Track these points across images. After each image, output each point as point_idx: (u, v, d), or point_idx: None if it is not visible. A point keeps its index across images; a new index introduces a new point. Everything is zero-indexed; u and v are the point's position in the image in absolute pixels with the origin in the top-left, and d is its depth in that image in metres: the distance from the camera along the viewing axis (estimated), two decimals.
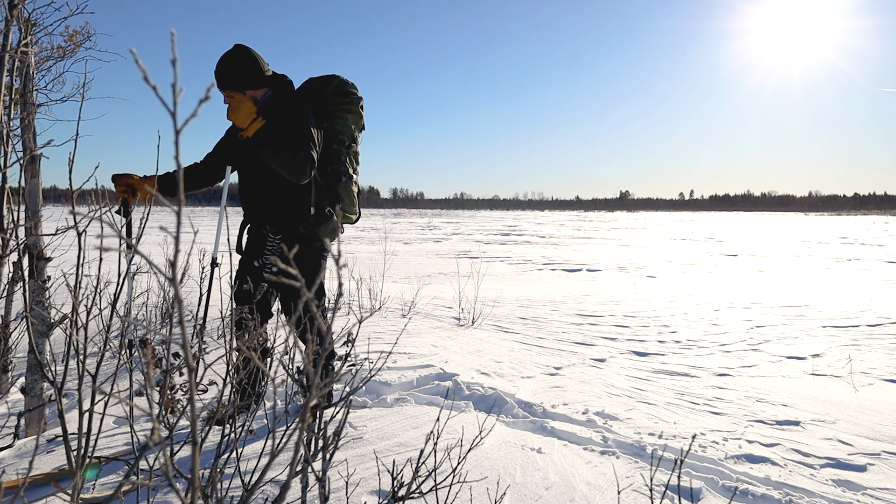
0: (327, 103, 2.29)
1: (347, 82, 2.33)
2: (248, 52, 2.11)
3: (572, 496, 1.71)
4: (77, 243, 1.20)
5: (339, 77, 2.33)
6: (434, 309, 4.84)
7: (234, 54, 2.10)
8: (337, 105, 2.31)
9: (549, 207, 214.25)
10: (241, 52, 2.11)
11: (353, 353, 3.04)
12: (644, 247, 14.28)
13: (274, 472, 1.73)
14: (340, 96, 2.31)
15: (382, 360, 2.71)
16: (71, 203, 1.07)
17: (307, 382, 0.48)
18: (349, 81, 2.34)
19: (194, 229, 1.49)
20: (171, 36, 0.33)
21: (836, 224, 34.10)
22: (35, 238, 2.00)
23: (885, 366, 3.40)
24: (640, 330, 4.28)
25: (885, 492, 1.87)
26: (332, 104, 2.30)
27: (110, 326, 1.24)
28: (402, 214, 54.81)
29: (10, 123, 1.88)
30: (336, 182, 2.28)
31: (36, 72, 2.11)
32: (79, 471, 0.98)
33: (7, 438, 1.94)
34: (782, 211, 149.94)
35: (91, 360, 2.80)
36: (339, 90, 2.31)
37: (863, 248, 13.73)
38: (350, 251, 11.40)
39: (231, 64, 2.07)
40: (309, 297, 0.38)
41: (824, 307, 5.35)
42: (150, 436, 0.36)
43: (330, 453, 1.11)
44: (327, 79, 2.33)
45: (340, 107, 2.31)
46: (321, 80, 2.33)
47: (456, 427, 2.14)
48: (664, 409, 2.59)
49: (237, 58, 2.09)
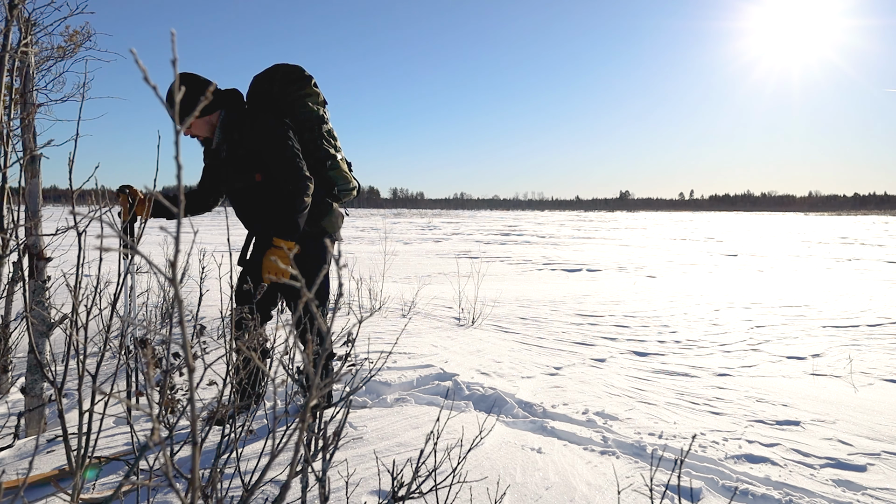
0: (280, 98, 2.25)
1: (291, 68, 2.27)
2: (187, 78, 2.07)
3: (572, 496, 1.71)
4: (77, 243, 1.20)
5: (280, 66, 2.26)
6: (434, 309, 4.84)
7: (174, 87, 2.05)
8: (291, 94, 2.25)
9: (549, 207, 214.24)
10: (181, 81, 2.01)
11: (353, 353, 3.04)
12: (644, 247, 14.28)
13: (274, 472, 1.73)
14: (289, 84, 2.25)
15: (382, 360, 2.71)
16: (71, 203, 1.07)
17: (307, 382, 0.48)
18: (292, 66, 2.27)
19: (194, 229, 1.49)
20: (171, 36, 0.33)
21: (836, 224, 34.10)
22: (35, 238, 2.00)
23: (885, 366, 3.40)
24: (640, 330, 4.28)
25: (885, 492, 1.87)
26: (286, 96, 2.25)
27: (110, 326, 1.24)
28: (402, 214, 54.82)
29: (10, 123, 1.88)
30: (323, 168, 2.26)
31: (36, 72, 2.11)
32: (79, 471, 0.98)
33: (7, 438, 1.94)
34: (782, 211, 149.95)
35: (91, 360, 2.80)
36: (286, 79, 2.25)
37: (863, 248, 13.73)
38: (350, 251, 11.40)
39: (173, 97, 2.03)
40: (309, 297, 0.38)
41: (824, 307, 5.35)
42: (150, 436, 0.36)
43: (330, 453, 1.11)
44: (270, 72, 2.26)
45: (295, 95, 2.26)
46: (264, 75, 2.26)
47: (456, 427, 2.14)
48: (664, 409, 2.59)
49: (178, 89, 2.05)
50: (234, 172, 2.14)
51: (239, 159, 2.12)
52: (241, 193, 2.19)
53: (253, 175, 2.12)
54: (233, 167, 2.14)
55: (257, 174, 2.12)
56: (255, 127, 2.09)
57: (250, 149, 2.09)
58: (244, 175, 2.13)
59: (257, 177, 2.12)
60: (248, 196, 2.18)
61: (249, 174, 2.12)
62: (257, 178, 2.12)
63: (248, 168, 2.12)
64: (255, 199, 2.16)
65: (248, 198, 2.18)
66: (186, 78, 2.07)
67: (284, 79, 2.24)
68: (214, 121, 2.16)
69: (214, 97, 2.13)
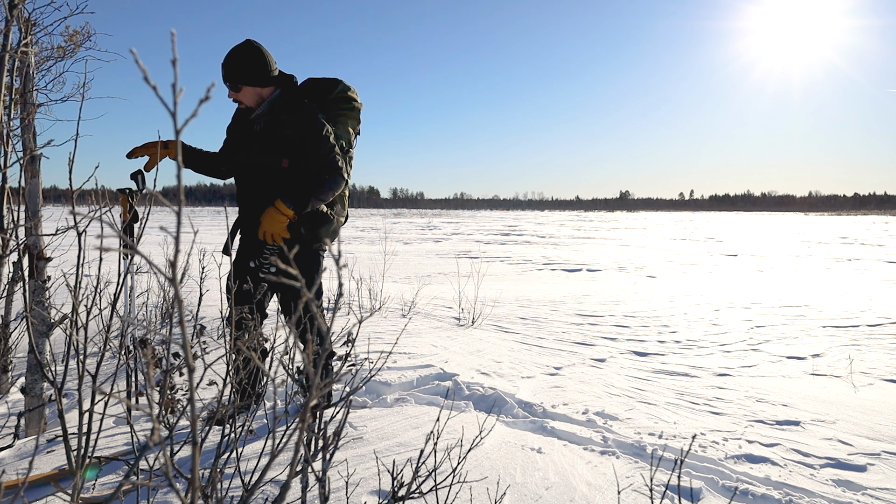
0: (331, 107, 2.33)
1: (350, 88, 2.37)
2: (257, 48, 2.13)
3: (572, 496, 1.71)
4: (77, 243, 1.20)
5: (342, 82, 2.36)
6: (434, 309, 4.84)
7: (243, 49, 2.11)
8: (340, 112, 2.34)
9: (549, 207, 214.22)
10: (250, 48, 2.12)
11: (353, 353, 3.04)
12: (644, 247, 14.28)
13: (274, 472, 1.73)
14: (343, 101, 2.35)
15: (382, 360, 2.71)
16: (71, 203, 1.07)
17: (307, 382, 0.48)
18: (351, 87, 2.38)
19: (194, 229, 1.49)
20: (171, 36, 0.33)
21: (836, 224, 34.10)
22: (35, 238, 2.00)
23: (885, 366, 3.40)
24: (640, 330, 4.28)
25: (885, 492, 1.87)
26: (335, 108, 2.33)
27: (110, 326, 1.24)
28: (402, 214, 54.82)
29: (10, 123, 1.88)
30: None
31: (36, 72, 2.11)
32: (79, 471, 0.98)
33: (7, 438, 1.94)
34: (782, 211, 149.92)
35: (91, 360, 2.80)
36: (341, 95, 2.35)
37: (863, 248, 13.73)
38: (350, 251, 11.40)
39: (240, 58, 2.09)
40: (309, 297, 0.38)
41: (824, 307, 5.35)
42: (150, 436, 0.36)
43: (330, 453, 1.11)
44: (331, 83, 2.35)
45: (343, 112, 2.35)
46: (325, 83, 2.35)
47: (456, 427, 2.14)
48: (664, 409, 2.59)
49: (246, 53, 2.11)
50: (263, 149, 2.16)
51: (275, 139, 2.14)
52: (257, 172, 2.19)
53: (281, 158, 2.14)
54: (264, 144, 2.15)
55: (285, 159, 2.14)
56: (306, 115, 2.13)
57: (295, 131, 2.12)
58: (272, 155, 2.14)
59: (284, 161, 2.14)
60: (265, 177, 2.17)
61: (278, 156, 2.14)
62: (284, 162, 2.14)
63: (279, 149, 2.14)
64: (271, 181, 2.16)
65: (263, 178, 2.18)
66: (249, 46, 2.12)
67: (340, 94, 2.35)
68: (265, 95, 2.18)
69: (275, 75, 2.18)
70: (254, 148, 2.17)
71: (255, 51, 2.11)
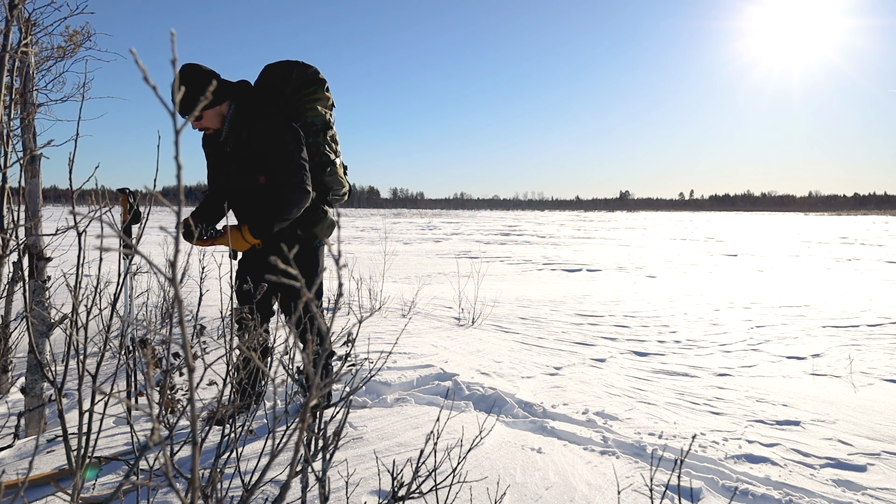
0: (293, 99, 2.20)
1: (307, 68, 2.22)
2: (197, 67, 2.02)
3: (572, 496, 1.71)
4: (77, 243, 1.20)
5: (297, 65, 2.21)
6: (434, 309, 4.84)
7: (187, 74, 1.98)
8: (303, 98, 2.21)
9: (549, 207, 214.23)
10: (193, 70, 2.00)
11: (353, 353, 3.04)
12: (644, 247, 14.28)
13: (274, 472, 1.73)
14: (304, 87, 2.21)
15: (382, 360, 2.71)
16: (71, 203, 1.07)
17: (307, 382, 0.48)
18: (309, 66, 2.23)
19: (194, 229, 1.49)
20: (171, 36, 0.33)
21: (836, 224, 34.10)
22: (35, 238, 2.01)
23: (885, 366, 3.40)
24: (640, 330, 4.28)
25: (885, 492, 1.87)
26: (299, 98, 2.21)
27: (110, 326, 1.24)
28: (402, 214, 54.81)
29: (10, 123, 1.88)
30: (322, 174, 2.25)
31: (36, 72, 2.11)
32: (79, 471, 0.99)
33: (7, 438, 1.94)
34: (782, 211, 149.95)
35: (91, 360, 2.80)
36: (301, 81, 2.21)
37: (863, 248, 13.73)
38: (350, 251, 11.40)
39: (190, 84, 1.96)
40: (309, 297, 0.38)
41: (824, 307, 5.35)
42: (150, 436, 0.36)
43: (330, 453, 1.11)
44: (286, 70, 2.20)
45: (308, 98, 2.22)
46: (279, 71, 2.20)
47: (456, 427, 2.14)
48: (664, 409, 2.59)
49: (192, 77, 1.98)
50: (237, 171, 2.11)
51: (244, 159, 2.08)
52: (241, 193, 2.17)
53: (257, 177, 2.09)
54: (237, 166, 2.10)
55: (261, 176, 2.08)
56: (265, 129, 2.04)
57: (257, 150, 2.05)
58: (248, 176, 2.09)
59: (261, 179, 2.08)
60: (249, 197, 2.15)
61: (253, 175, 2.09)
62: (261, 180, 2.08)
63: (252, 169, 2.08)
64: (255, 200, 2.13)
65: (248, 198, 2.16)
66: (190, 70, 2.00)
67: (299, 80, 2.21)
68: (225, 111, 2.08)
69: (224, 87, 2.07)
70: (230, 168, 2.12)
71: (198, 72, 2.00)
